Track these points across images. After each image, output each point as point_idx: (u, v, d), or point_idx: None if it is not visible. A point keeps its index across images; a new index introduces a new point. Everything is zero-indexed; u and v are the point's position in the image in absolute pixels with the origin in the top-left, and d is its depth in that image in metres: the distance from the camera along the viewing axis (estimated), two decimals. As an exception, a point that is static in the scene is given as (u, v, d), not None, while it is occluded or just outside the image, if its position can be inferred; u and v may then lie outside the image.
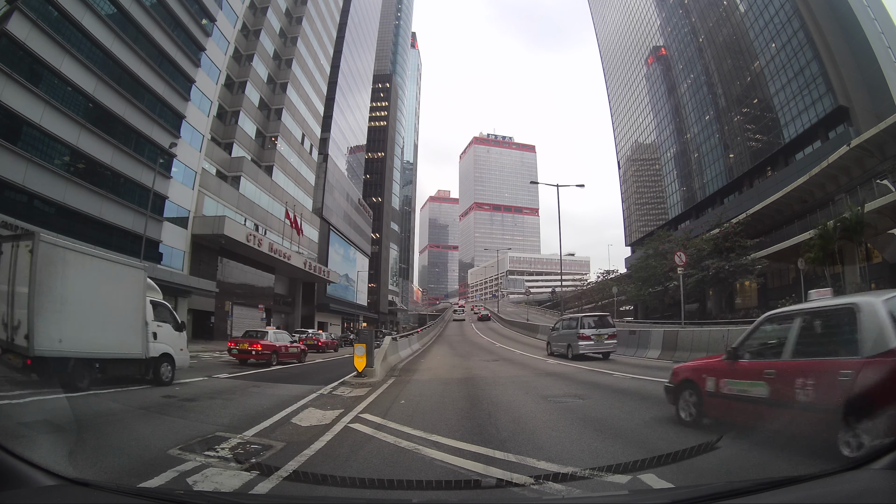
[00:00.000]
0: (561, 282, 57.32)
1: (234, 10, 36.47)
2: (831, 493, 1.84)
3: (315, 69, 52.20)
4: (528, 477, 3.59)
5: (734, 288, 37.96)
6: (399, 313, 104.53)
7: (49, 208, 20.93)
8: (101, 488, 2.14)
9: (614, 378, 10.29)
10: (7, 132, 18.76)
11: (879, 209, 22.63)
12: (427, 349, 23.81)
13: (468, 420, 6.16)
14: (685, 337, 14.53)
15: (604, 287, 59.69)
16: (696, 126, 60.78)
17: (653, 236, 52.85)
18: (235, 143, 38.31)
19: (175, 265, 28.91)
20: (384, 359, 12.91)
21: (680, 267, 22.60)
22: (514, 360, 16.47)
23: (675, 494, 2.57)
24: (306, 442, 4.88)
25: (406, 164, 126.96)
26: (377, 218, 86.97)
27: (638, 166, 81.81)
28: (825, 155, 32.34)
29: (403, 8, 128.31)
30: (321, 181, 54.54)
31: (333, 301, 57.91)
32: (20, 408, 5.89)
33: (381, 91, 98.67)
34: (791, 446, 4.06)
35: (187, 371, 11.30)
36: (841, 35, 39.25)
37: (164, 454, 4.22)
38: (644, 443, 4.76)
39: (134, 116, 24.95)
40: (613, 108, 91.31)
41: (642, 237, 69.99)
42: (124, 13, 24.02)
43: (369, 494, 3.45)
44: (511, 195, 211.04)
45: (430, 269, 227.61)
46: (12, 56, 18.63)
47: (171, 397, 7.95)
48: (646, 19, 74.04)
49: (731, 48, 52.98)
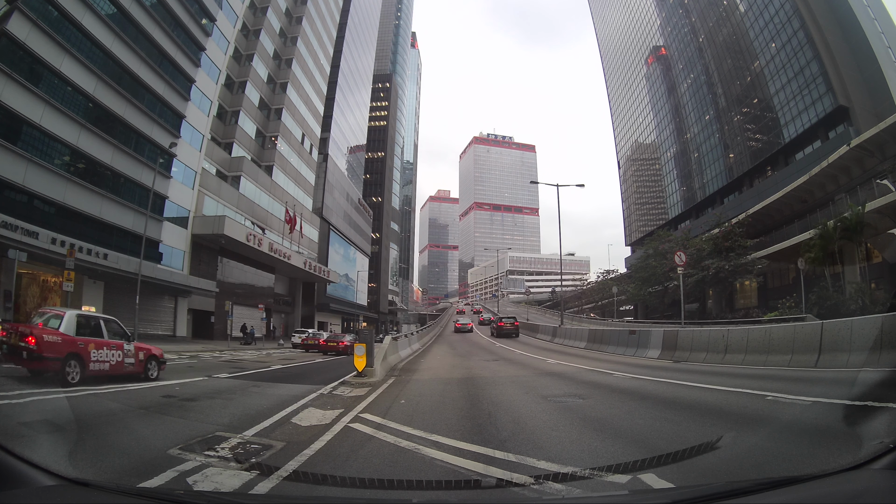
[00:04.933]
0: (561, 282, 57.32)
1: (234, 9, 36.48)
2: (831, 493, 1.84)
3: (315, 69, 52.20)
4: (529, 477, 3.59)
5: (734, 288, 37.96)
6: (399, 313, 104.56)
7: (49, 208, 20.93)
8: (101, 488, 2.15)
9: (614, 378, 10.29)
10: (7, 132, 18.76)
11: (879, 209, 22.61)
12: (427, 349, 23.81)
13: (468, 420, 6.15)
14: (685, 337, 14.52)
15: (604, 287, 59.79)
16: (696, 126, 60.78)
17: (653, 236, 52.88)
18: (235, 143, 38.32)
19: (175, 265, 28.91)
20: (384, 358, 12.90)
21: (680, 267, 22.58)
22: (514, 360, 16.46)
23: (675, 494, 2.56)
24: (306, 442, 4.87)
25: (406, 164, 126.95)
26: (377, 218, 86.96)
27: (638, 166, 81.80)
28: (825, 155, 32.33)
29: (403, 8, 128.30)
30: (321, 181, 54.55)
31: (333, 301, 57.92)
32: (20, 408, 5.88)
33: (381, 91, 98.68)
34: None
35: (187, 371, 11.33)
36: (841, 35, 39.25)
37: (164, 454, 4.21)
38: (644, 443, 4.75)
39: (134, 116, 24.95)
40: (613, 108, 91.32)
41: (642, 237, 70.01)
42: (124, 13, 24.02)
43: (369, 494, 3.45)
44: (511, 195, 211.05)
45: (430, 268, 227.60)
46: (12, 56, 18.63)
47: (171, 397, 7.95)
48: (646, 19, 74.03)
49: (731, 48, 52.98)
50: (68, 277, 17.03)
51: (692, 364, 12.47)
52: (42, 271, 21.17)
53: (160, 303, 28.20)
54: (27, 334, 7.93)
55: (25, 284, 20.78)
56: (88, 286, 22.81)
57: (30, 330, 8.09)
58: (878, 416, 4.30)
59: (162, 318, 28.77)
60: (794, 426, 5.10)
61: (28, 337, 7.88)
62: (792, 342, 10.24)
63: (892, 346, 7.59)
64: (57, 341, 8.14)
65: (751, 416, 5.62)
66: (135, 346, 9.84)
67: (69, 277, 17.03)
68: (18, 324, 9.08)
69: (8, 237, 17.56)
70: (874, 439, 2.98)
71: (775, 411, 5.90)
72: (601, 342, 20.43)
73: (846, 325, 9.07)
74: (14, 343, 7.93)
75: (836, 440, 4.11)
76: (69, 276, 17.03)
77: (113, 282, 23.85)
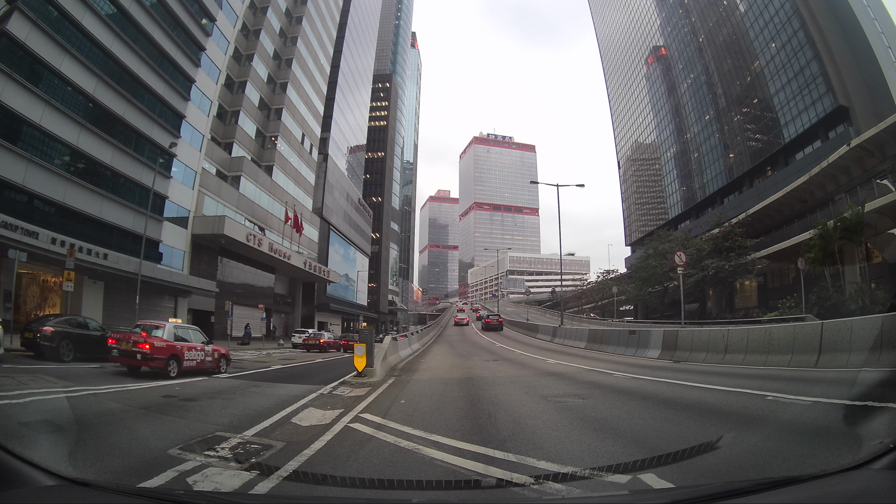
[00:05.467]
0: (561, 282, 57.30)
1: (234, 9, 36.46)
2: (831, 493, 1.84)
3: (315, 69, 52.19)
4: (529, 477, 3.59)
5: (734, 288, 37.95)
6: (399, 313, 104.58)
7: (49, 208, 20.91)
8: (101, 488, 2.15)
9: (615, 378, 10.29)
10: (7, 132, 18.73)
11: (879, 209, 22.61)
12: (427, 349, 23.81)
13: (468, 420, 6.15)
14: (685, 337, 14.52)
15: (604, 287, 59.78)
16: (696, 126, 60.79)
17: (653, 236, 52.89)
18: (235, 143, 38.30)
19: (175, 265, 28.91)
20: (384, 358, 12.90)
21: (680, 267, 22.58)
22: (514, 360, 16.46)
23: (675, 494, 2.57)
24: (306, 442, 4.88)
25: (406, 164, 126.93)
26: (377, 218, 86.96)
27: (638, 166, 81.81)
28: (825, 155, 32.33)
29: (403, 8, 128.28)
30: (321, 181, 54.54)
31: (333, 301, 57.91)
32: (20, 408, 5.89)
33: (381, 91, 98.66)
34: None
35: (187, 371, 11.41)
36: (841, 35, 39.25)
37: (164, 454, 4.22)
38: (644, 442, 4.76)
39: (134, 116, 24.94)
40: (613, 108, 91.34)
41: (642, 237, 70.03)
42: (124, 13, 24.00)
43: (369, 494, 3.45)
44: (511, 195, 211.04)
45: (430, 268, 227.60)
46: (12, 56, 18.61)
47: (171, 397, 7.95)
48: (646, 19, 74.04)
49: (731, 48, 52.98)
50: (68, 277, 17.03)
51: (692, 364, 12.48)
52: (42, 271, 21.17)
53: (160, 303, 28.19)
54: (141, 341, 10.47)
55: (25, 284, 20.77)
56: (88, 286, 22.80)
57: (143, 338, 10.60)
58: (878, 416, 4.30)
59: (162, 318, 28.68)
60: (794, 426, 5.10)
61: (142, 344, 10.41)
62: (792, 342, 10.24)
63: (892, 346, 7.59)
64: (163, 346, 10.75)
65: (751, 416, 5.63)
66: (212, 348, 12.53)
67: (69, 277, 17.04)
68: (128, 333, 11.29)
69: (8, 237, 17.54)
70: (874, 439, 2.98)
71: (775, 411, 5.90)
72: (601, 342, 20.44)
73: (846, 325, 9.07)
74: (126, 348, 10.49)
75: (836, 440, 4.11)
76: (69, 276, 17.04)
77: (113, 282, 23.84)
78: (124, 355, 10.51)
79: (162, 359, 10.58)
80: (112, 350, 10.65)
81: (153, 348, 10.44)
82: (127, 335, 10.98)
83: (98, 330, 13.91)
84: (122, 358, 10.57)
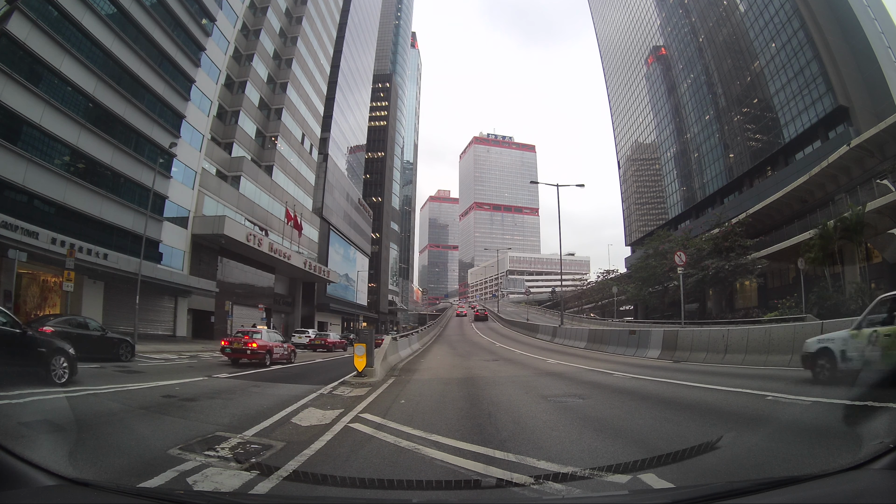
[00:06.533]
0: (561, 282, 57.28)
1: (234, 9, 36.46)
2: (831, 493, 1.84)
3: (315, 69, 52.19)
4: (529, 477, 3.59)
5: (734, 288, 37.96)
6: (399, 313, 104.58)
7: (49, 208, 20.91)
8: (101, 488, 2.14)
9: (615, 378, 10.29)
10: (7, 132, 18.74)
11: (879, 209, 22.62)
12: (427, 349, 23.81)
13: (468, 420, 6.15)
14: (685, 337, 14.53)
15: (604, 287, 59.76)
16: (696, 126, 60.79)
17: (653, 236, 52.87)
18: (235, 143, 38.30)
19: (175, 265, 28.90)
20: (384, 358, 12.90)
21: (680, 267, 22.60)
22: (514, 360, 16.47)
23: (675, 494, 2.56)
24: (306, 442, 4.87)
25: (406, 164, 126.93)
26: (377, 218, 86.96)
27: (638, 166, 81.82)
28: (825, 155, 32.33)
29: (403, 8, 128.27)
30: (321, 181, 54.54)
31: (333, 301, 57.91)
32: (20, 408, 5.88)
33: (381, 91, 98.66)
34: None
35: (187, 371, 11.35)
36: (841, 35, 39.24)
37: (164, 454, 4.21)
38: (644, 443, 4.76)
39: (134, 116, 24.94)
40: (613, 108, 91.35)
41: (642, 237, 70.02)
42: (124, 13, 24.00)
43: (369, 494, 3.45)
44: (511, 195, 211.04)
45: (430, 268, 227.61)
46: (12, 56, 18.61)
47: (171, 397, 7.94)
48: (646, 19, 74.04)
49: (731, 48, 52.99)
50: (68, 277, 17.03)
51: (692, 364, 12.48)
52: (42, 271, 21.16)
53: (160, 303, 28.19)
54: (250, 342, 14.94)
55: (25, 284, 20.77)
56: (88, 286, 22.80)
57: (251, 339, 15.10)
58: (878, 416, 4.31)
59: (162, 317, 28.77)
60: (795, 426, 5.10)
61: (250, 343, 14.89)
62: (792, 342, 10.24)
63: (892, 346, 7.57)
64: (263, 345, 15.11)
65: (751, 416, 5.63)
66: (287, 346, 17.41)
67: (69, 277, 17.04)
68: (238, 337, 15.69)
69: (8, 237, 17.54)
70: (874, 439, 2.98)
71: (775, 411, 5.91)
72: (601, 342, 20.44)
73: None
74: (237, 347, 14.90)
75: (836, 440, 4.11)
76: (69, 276, 17.04)
77: (113, 282, 23.84)
78: (236, 352, 14.81)
79: (263, 353, 14.83)
80: (225, 349, 14.95)
81: (260, 347, 14.87)
82: (237, 338, 15.39)
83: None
84: (234, 354, 14.82)
